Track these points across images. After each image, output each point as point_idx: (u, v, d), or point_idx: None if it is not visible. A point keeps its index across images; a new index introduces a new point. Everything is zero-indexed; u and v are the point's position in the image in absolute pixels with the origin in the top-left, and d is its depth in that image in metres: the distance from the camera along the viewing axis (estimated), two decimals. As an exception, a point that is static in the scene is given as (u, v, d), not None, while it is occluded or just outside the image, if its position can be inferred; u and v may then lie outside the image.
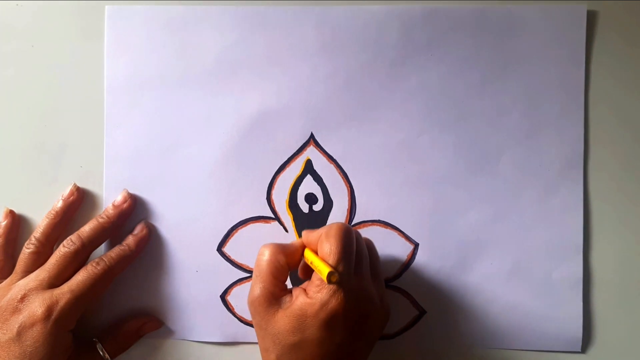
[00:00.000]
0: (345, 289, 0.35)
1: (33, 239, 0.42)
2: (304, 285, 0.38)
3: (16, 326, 0.38)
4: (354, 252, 0.37)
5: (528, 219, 0.43)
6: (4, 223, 0.43)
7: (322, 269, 0.35)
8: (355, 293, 0.36)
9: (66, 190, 0.43)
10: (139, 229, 0.43)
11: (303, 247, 0.40)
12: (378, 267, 0.41)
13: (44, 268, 0.40)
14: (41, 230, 0.42)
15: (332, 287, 0.35)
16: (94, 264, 0.40)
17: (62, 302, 0.38)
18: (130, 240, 0.42)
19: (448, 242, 0.44)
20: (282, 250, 0.39)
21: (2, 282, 0.41)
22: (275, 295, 0.37)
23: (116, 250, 0.42)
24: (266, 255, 0.38)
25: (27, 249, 0.41)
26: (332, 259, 0.36)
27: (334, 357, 0.36)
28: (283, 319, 0.36)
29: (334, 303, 0.35)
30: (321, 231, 0.38)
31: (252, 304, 0.38)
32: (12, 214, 0.44)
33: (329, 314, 0.35)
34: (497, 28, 0.43)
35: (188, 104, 0.44)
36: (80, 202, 0.44)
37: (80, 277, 0.40)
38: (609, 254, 0.44)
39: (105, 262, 0.41)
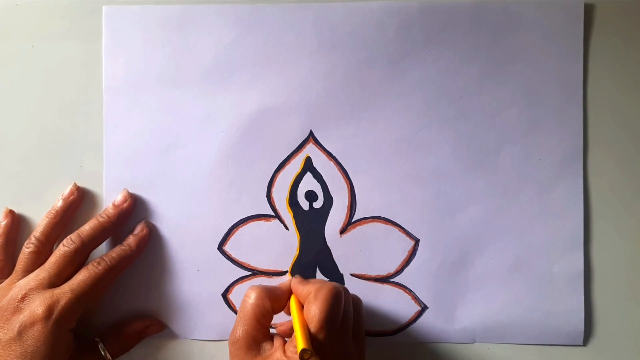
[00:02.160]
0: (322, 354, 0.35)
1: (33, 238, 0.42)
2: (284, 338, 0.38)
3: (17, 326, 0.38)
4: (340, 317, 0.36)
5: (528, 214, 0.44)
6: (3, 223, 0.43)
7: (298, 340, 0.34)
8: (333, 357, 0.35)
9: (66, 189, 0.43)
10: (139, 229, 0.43)
11: (290, 293, 0.40)
12: (362, 329, 0.40)
13: (43, 267, 0.40)
14: (41, 230, 0.42)
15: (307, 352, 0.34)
16: (95, 264, 0.40)
17: (62, 302, 0.38)
18: (130, 240, 0.42)
19: (449, 237, 0.44)
20: (269, 294, 0.38)
21: (3, 282, 0.41)
22: (257, 339, 0.37)
23: (117, 250, 0.42)
24: (252, 298, 0.38)
25: (27, 249, 0.41)
26: (314, 325, 0.35)
27: None
28: None
29: None
30: (311, 288, 0.37)
31: (232, 344, 0.38)
32: (12, 213, 0.44)
33: None
34: (495, 24, 0.43)
35: (187, 103, 0.44)
36: (80, 202, 0.44)
37: (81, 277, 0.40)
38: (609, 247, 0.44)
39: (107, 261, 0.41)
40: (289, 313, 0.40)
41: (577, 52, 0.43)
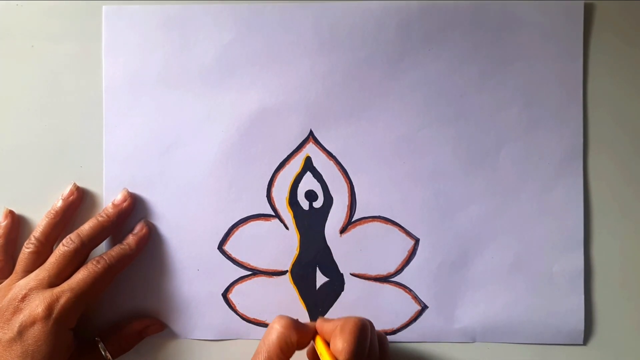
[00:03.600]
0: None
1: (33, 238, 0.42)
2: None
3: (17, 325, 0.38)
4: (367, 350, 0.36)
5: (528, 213, 0.44)
6: (3, 223, 0.43)
7: None
8: None
9: (66, 189, 0.43)
10: (139, 228, 0.43)
11: (315, 332, 0.39)
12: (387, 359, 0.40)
13: (43, 267, 0.40)
14: (41, 230, 0.42)
15: None
16: (94, 262, 0.40)
17: (62, 301, 0.38)
18: (130, 239, 0.42)
19: (449, 237, 0.44)
20: (295, 327, 0.37)
21: (3, 282, 0.41)
22: None
23: (116, 249, 0.42)
24: (279, 327, 0.37)
25: (27, 249, 0.41)
26: (342, 358, 0.35)
27: None
28: None
29: None
30: (336, 323, 0.37)
31: None
32: (11, 214, 0.44)
33: None
34: (495, 24, 0.43)
35: (187, 102, 0.44)
36: (80, 202, 0.44)
37: (81, 276, 0.40)
38: (609, 247, 0.44)
39: (106, 260, 0.41)
40: (310, 358, 0.40)
41: (577, 51, 0.43)
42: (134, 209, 0.44)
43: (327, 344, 0.37)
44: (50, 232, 0.42)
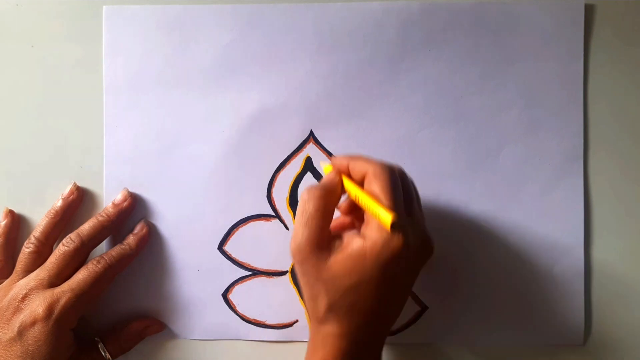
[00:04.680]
0: (403, 230, 0.34)
1: (33, 238, 0.42)
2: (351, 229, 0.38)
3: (17, 325, 0.38)
4: (401, 191, 0.36)
5: (529, 214, 0.44)
6: (3, 223, 0.43)
7: (381, 215, 0.33)
8: (413, 233, 0.35)
9: (66, 189, 0.43)
10: (139, 228, 0.43)
11: (341, 180, 0.38)
12: (420, 207, 0.40)
13: (44, 267, 0.40)
14: (41, 230, 0.42)
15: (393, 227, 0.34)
16: (94, 262, 0.40)
17: (62, 301, 0.38)
18: (130, 239, 0.42)
19: (449, 237, 0.44)
20: (326, 192, 0.37)
21: (3, 282, 0.41)
22: (325, 240, 0.36)
23: (117, 249, 0.42)
24: (313, 199, 0.36)
25: (27, 249, 0.41)
26: (385, 203, 0.34)
27: (386, 303, 0.36)
28: (338, 263, 0.35)
29: (396, 243, 0.34)
30: (364, 166, 0.36)
31: (299, 252, 0.35)
32: (11, 213, 0.44)
33: (390, 255, 0.34)
34: (495, 24, 0.43)
35: (187, 103, 0.44)
36: (80, 201, 0.44)
37: (81, 276, 0.40)
38: (610, 248, 0.44)
39: (106, 260, 0.41)
40: (345, 212, 0.39)
41: (578, 52, 0.43)
42: (134, 209, 0.44)
43: (359, 185, 0.37)
44: (50, 231, 0.42)
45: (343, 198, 0.39)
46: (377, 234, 0.34)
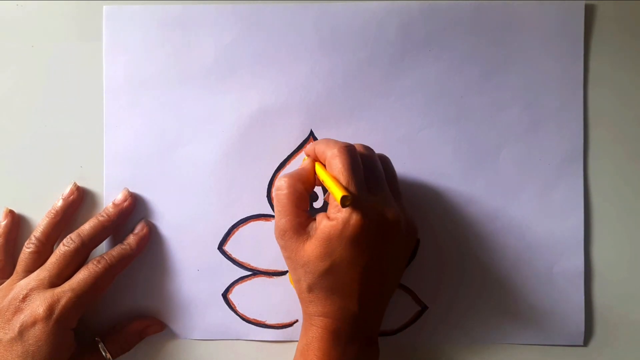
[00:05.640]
0: (362, 206, 0.35)
1: (33, 238, 0.42)
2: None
3: (18, 326, 0.38)
4: (361, 169, 0.37)
5: (529, 214, 0.44)
6: (3, 223, 0.43)
7: (335, 193, 0.35)
8: (372, 210, 0.36)
9: (66, 189, 0.43)
10: (139, 228, 0.43)
11: (313, 166, 0.39)
12: (396, 185, 0.41)
13: (44, 267, 0.40)
14: (41, 230, 0.42)
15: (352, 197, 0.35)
16: (95, 262, 0.40)
17: (63, 301, 0.38)
18: (131, 239, 0.42)
19: (449, 237, 0.44)
20: (299, 178, 0.38)
21: (3, 282, 0.41)
22: (302, 224, 0.37)
23: (117, 249, 0.42)
24: (284, 188, 0.38)
25: (27, 249, 0.41)
26: (342, 181, 0.36)
27: (365, 281, 0.37)
28: (311, 247, 0.36)
29: (354, 219, 0.35)
30: (325, 150, 0.37)
31: (281, 237, 0.37)
32: (12, 213, 0.44)
33: (352, 232, 0.35)
34: (496, 24, 0.43)
35: (187, 103, 0.44)
36: (80, 201, 0.44)
37: (82, 276, 0.40)
38: (610, 247, 0.44)
39: (107, 260, 0.41)
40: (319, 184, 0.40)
41: (578, 52, 0.43)
42: (134, 209, 0.44)
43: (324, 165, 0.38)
44: (50, 231, 0.42)
45: None
46: (337, 213, 0.36)
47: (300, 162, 0.44)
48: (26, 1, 0.44)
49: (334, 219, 0.36)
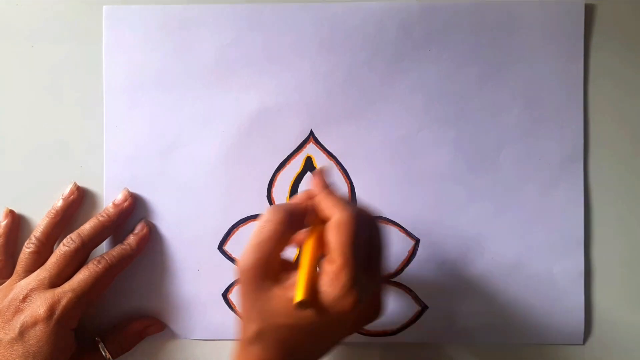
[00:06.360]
0: (358, 290, 0.32)
1: (33, 238, 0.42)
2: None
3: (18, 326, 0.38)
4: (365, 245, 0.33)
5: (529, 214, 0.44)
6: (4, 223, 0.43)
7: (299, 287, 0.32)
8: (365, 294, 0.33)
9: (66, 189, 0.43)
10: (139, 228, 0.43)
11: (308, 209, 0.35)
12: (383, 259, 0.37)
13: (44, 267, 0.40)
14: (41, 230, 0.42)
15: (346, 285, 0.32)
16: (95, 262, 0.40)
17: (63, 301, 0.38)
18: (131, 239, 0.42)
19: (449, 237, 0.44)
20: (288, 218, 0.34)
21: (4, 282, 0.41)
22: (272, 268, 0.34)
23: (117, 249, 0.42)
24: (270, 222, 0.34)
25: (27, 249, 0.41)
26: (338, 261, 0.32)
27: (319, 343, 0.35)
28: (279, 298, 0.33)
29: (345, 304, 0.32)
30: (330, 209, 0.34)
31: (244, 272, 0.34)
32: (12, 213, 0.44)
33: (337, 312, 0.32)
34: (496, 24, 0.43)
35: (187, 103, 0.44)
36: (80, 201, 0.44)
37: (82, 276, 0.40)
38: (610, 247, 0.44)
39: (107, 260, 0.41)
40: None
41: (578, 52, 0.43)
42: (134, 209, 0.44)
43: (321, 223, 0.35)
44: (50, 231, 0.42)
45: None
46: (328, 287, 0.32)
47: (300, 162, 0.44)
48: (26, 1, 0.44)
49: (321, 291, 0.32)
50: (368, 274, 0.34)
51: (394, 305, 0.44)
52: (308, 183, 0.44)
